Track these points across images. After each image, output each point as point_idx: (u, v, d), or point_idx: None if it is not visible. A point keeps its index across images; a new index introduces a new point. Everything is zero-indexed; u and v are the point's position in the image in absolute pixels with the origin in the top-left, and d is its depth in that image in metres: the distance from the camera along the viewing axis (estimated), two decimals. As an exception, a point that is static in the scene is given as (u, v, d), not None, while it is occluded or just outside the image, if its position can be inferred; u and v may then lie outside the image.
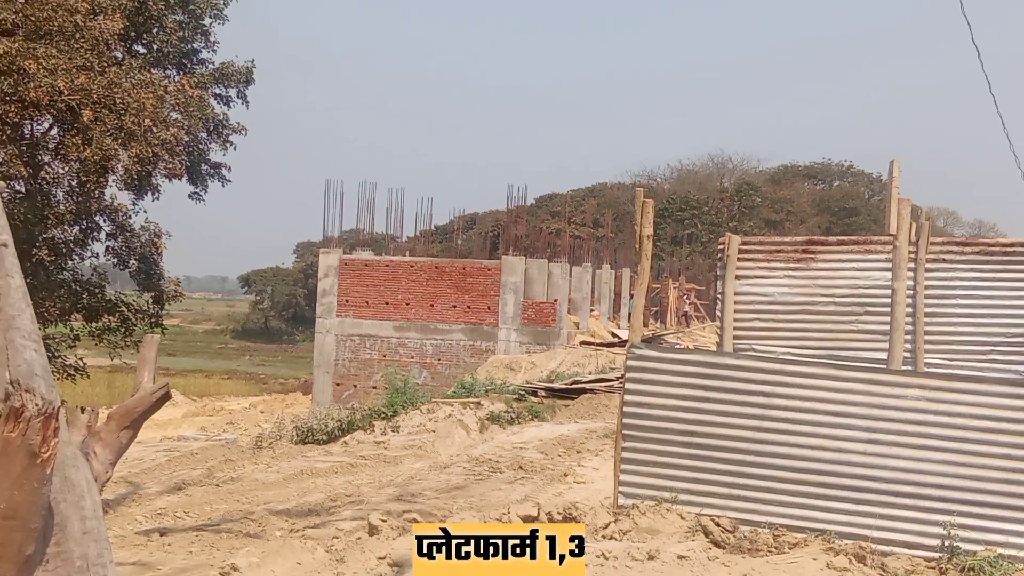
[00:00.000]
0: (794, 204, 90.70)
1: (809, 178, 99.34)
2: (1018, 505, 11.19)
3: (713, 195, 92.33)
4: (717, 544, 11.38)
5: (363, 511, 13.86)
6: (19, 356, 4.00)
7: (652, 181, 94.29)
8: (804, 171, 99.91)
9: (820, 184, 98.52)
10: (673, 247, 73.38)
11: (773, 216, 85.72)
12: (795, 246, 18.69)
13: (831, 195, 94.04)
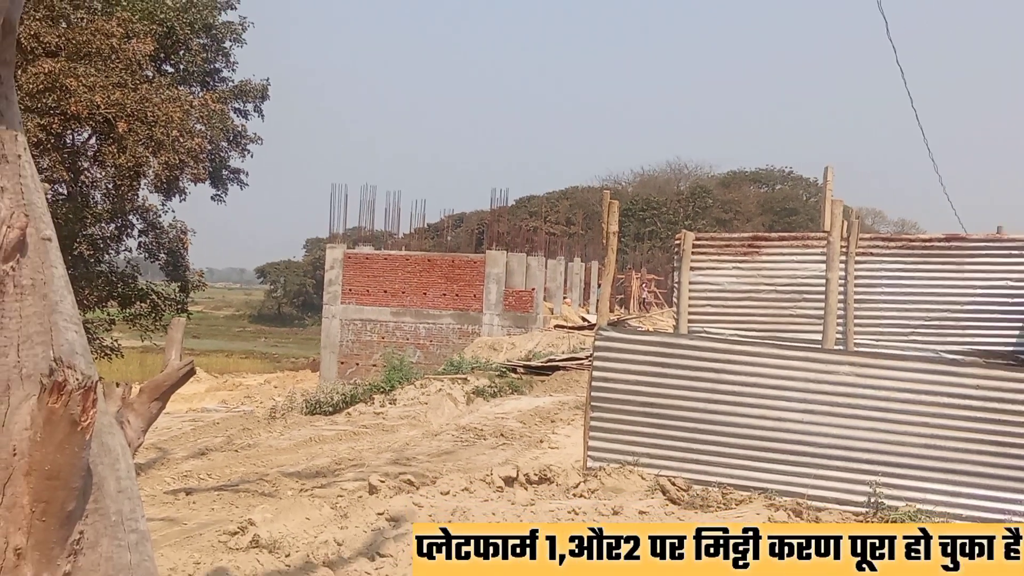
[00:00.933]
0: (741, 205, 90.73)
1: (754, 182, 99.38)
2: (935, 466, 11.23)
3: (671, 197, 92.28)
4: (673, 501, 11.41)
5: (364, 473, 13.84)
6: (61, 337, 3.99)
7: (617, 185, 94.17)
8: (750, 176, 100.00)
9: (764, 187, 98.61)
10: (636, 243, 73.29)
11: (723, 215, 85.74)
12: (742, 241, 18.76)
13: (774, 197, 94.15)
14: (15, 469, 3.73)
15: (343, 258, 46.92)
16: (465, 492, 11.37)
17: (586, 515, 10.34)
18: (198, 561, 8.23)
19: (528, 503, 10.94)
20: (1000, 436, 11.08)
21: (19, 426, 3.75)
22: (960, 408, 11.29)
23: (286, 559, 8.51)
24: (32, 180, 4.02)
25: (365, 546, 9.06)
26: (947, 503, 11.05)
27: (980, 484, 11.06)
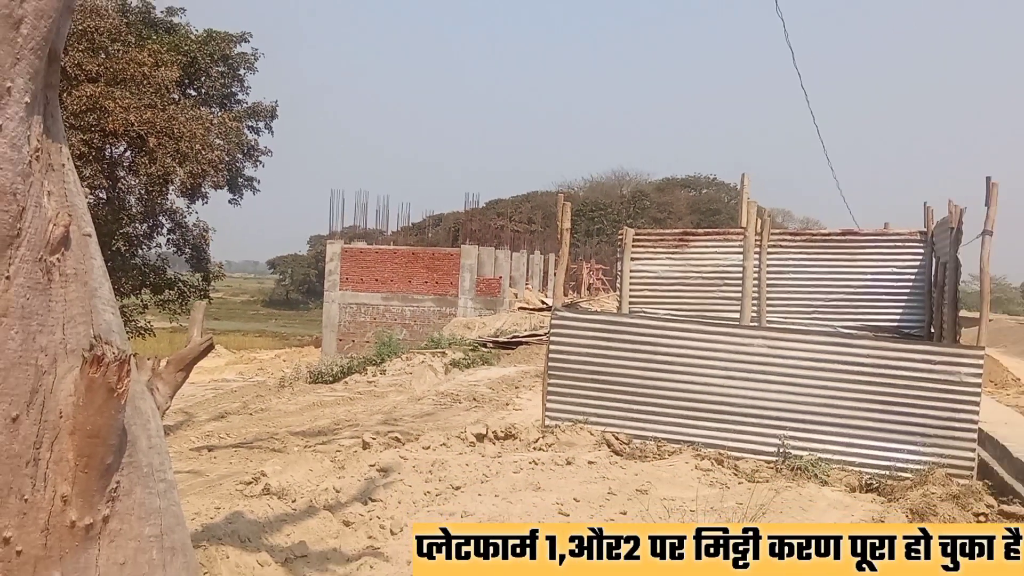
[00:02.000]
0: (673, 206, 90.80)
1: (684, 187, 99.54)
2: (833, 422, 11.34)
3: (615, 200, 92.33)
4: (616, 453, 11.48)
5: (358, 432, 13.84)
6: (100, 318, 3.98)
7: (570, 190, 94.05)
8: (681, 182, 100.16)
9: (692, 191, 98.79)
10: (586, 238, 73.27)
11: (658, 215, 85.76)
12: (673, 236, 18.91)
13: (700, 200, 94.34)
14: (61, 429, 3.73)
15: (341, 252, 47.10)
16: (443, 447, 11.39)
17: (544, 464, 10.40)
18: (218, 507, 8.23)
19: (496, 456, 10.97)
20: (886, 397, 11.20)
21: (64, 393, 3.74)
22: (853, 374, 11.40)
23: (292, 504, 8.52)
24: (75, 185, 4.02)
25: (359, 492, 9.08)
26: (843, 453, 11.17)
27: (870, 436, 11.18)
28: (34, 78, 3.83)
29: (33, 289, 3.78)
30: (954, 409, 10.92)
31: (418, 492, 9.15)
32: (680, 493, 9.39)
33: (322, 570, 6.99)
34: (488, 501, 8.70)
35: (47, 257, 3.80)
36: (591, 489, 9.28)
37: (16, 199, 3.71)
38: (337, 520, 8.07)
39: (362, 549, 7.54)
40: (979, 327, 11.91)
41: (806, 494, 9.65)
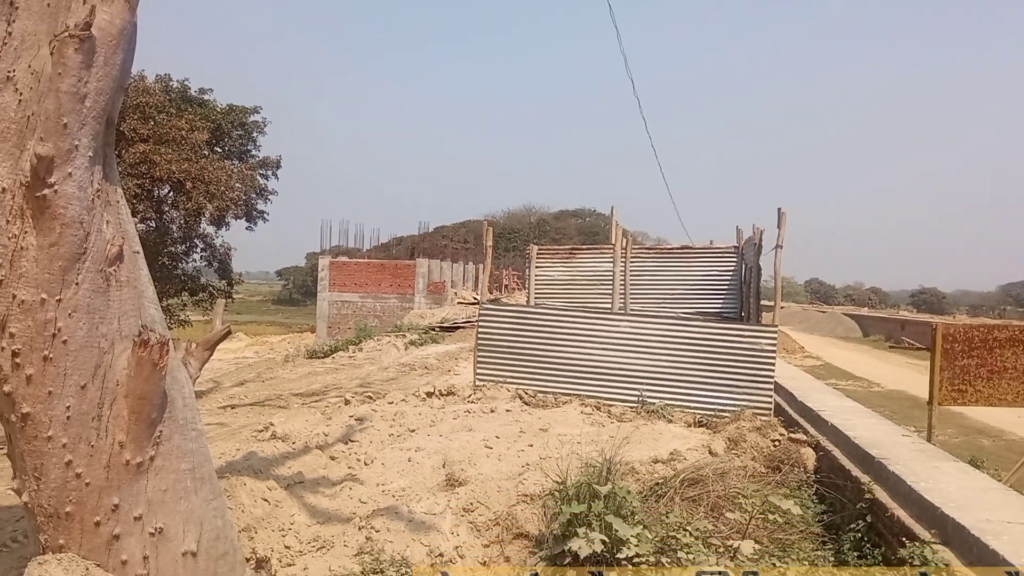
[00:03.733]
0: (567, 231, 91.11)
1: (575, 216, 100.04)
2: (675, 380, 11.45)
3: (525, 226, 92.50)
4: (526, 404, 11.49)
5: (341, 393, 13.68)
6: (146, 312, 3.92)
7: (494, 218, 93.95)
8: (572, 213, 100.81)
9: (580, 220, 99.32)
10: (505, 253, 73.31)
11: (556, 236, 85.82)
12: (565, 251, 19.01)
13: (586, 225, 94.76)
14: (118, 394, 3.67)
15: (329, 264, 47.22)
16: (403, 402, 11.32)
17: (475, 413, 10.39)
18: (238, 448, 8.08)
19: (441, 407, 10.93)
20: (711, 360, 11.37)
21: (120, 367, 3.68)
22: (689, 345, 11.56)
23: (293, 445, 8.39)
24: (127, 215, 3.95)
25: (342, 435, 8.98)
26: (683, 400, 11.29)
27: (701, 388, 11.32)
28: (95, 138, 3.77)
29: (96, 292, 3.71)
30: (757, 368, 11.16)
31: (384, 434, 9.09)
32: (570, 431, 9.46)
33: (314, 492, 6.92)
34: (435, 439, 8.67)
35: (106, 268, 3.74)
36: (508, 429, 9.31)
37: (83, 226, 3.65)
38: (325, 456, 7.98)
39: (344, 476, 7.47)
40: (774, 312, 12.22)
41: (657, 429, 9.78)
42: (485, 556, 6.01)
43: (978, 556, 4.74)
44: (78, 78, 3.49)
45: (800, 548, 5.88)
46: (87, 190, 3.64)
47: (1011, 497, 5.95)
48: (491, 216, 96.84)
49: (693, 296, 17.31)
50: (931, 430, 8.74)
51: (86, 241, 3.64)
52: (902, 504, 6.01)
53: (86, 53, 3.49)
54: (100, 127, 3.73)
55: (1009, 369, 8.74)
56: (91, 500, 3.62)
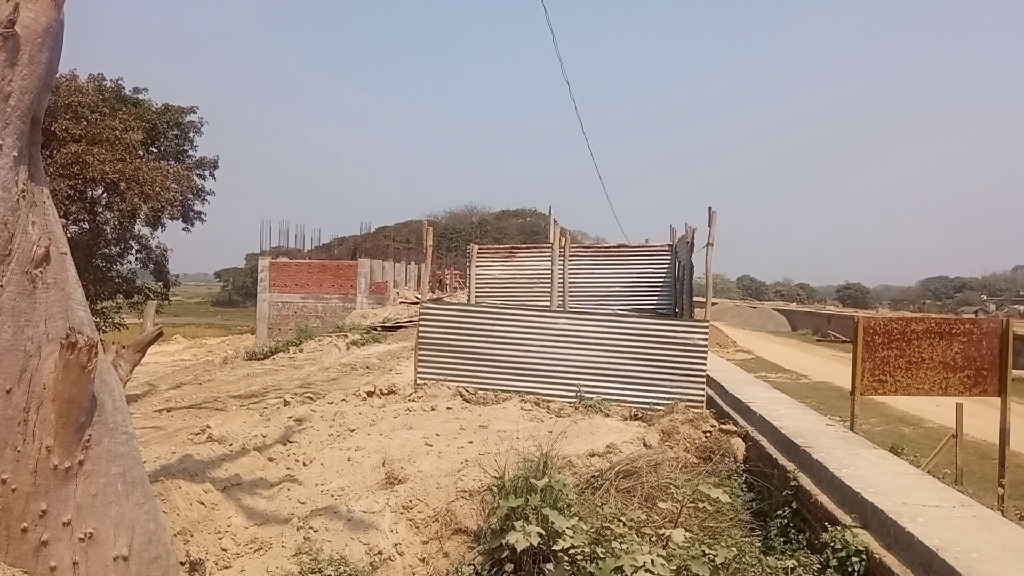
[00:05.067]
0: (508, 230, 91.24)
1: (516, 216, 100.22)
2: (612, 375, 11.61)
3: (467, 226, 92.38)
4: (467, 401, 11.51)
5: (281, 394, 13.45)
6: (74, 315, 3.82)
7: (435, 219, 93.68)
8: (513, 213, 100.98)
9: (521, 219, 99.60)
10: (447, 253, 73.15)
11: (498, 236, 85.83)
12: (505, 250, 19.10)
13: (527, 225, 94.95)
14: (45, 397, 3.59)
15: (269, 265, 46.37)
16: (343, 402, 11.22)
17: (416, 411, 10.36)
18: (174, 452, 7.89)
19: (381, 406, 10.87)
20: (646, 355, 11.56)
21: (47, 370, 3.59)
22: (626, 340, 11.73)
23: (230, 447, 8.24)
24: (54, 216, 3.86)
25: (281, 437, 8.86)
26: (619, 394, 11.45)
27: (636, 383, 11.50)
28: (20, 138, 3.67)
29: (21, 294, 3.61)
30: (690, 362, 11.39)
31: (324, 434, 9.00)
32: (510, 426, 9.49)
33: (252, 493, 6.82)
34: (375, 438, 8.62)
35: (32, 270, 3.64)
36: (448, 426, 9.30)
37: (7, 227, 3.55)
38: (263, 457, 7.87)
39: (282, 477, 7.38)
40: (706, 308, 12.47)
41: (594, 423, 9.90)
42: (424, 552, 6.02)
43: (895, 538, 4.94)
44: (1, 76, 3.40)
45: (729, 535, 6.04)
46: (11, 190, 3.54)
47: (926, 481, 6.22)
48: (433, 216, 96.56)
49: (629, 293, 17.53)
50: (854, 419, 9.05)
51: (11, 243, 3.54)
52: (825, 490, 6.23)
53: (9, 51, 3.40)
54: (25, 126, 3.64)
55: (926, 360, 9.11)
56: (18, 506, 3.52)
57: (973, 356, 9.07)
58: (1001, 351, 9.02)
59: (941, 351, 9.08)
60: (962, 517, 5.10)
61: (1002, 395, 9.04)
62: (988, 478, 10.12)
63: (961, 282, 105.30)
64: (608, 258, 18.09)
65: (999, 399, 9.09)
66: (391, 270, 50.51)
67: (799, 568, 5.20)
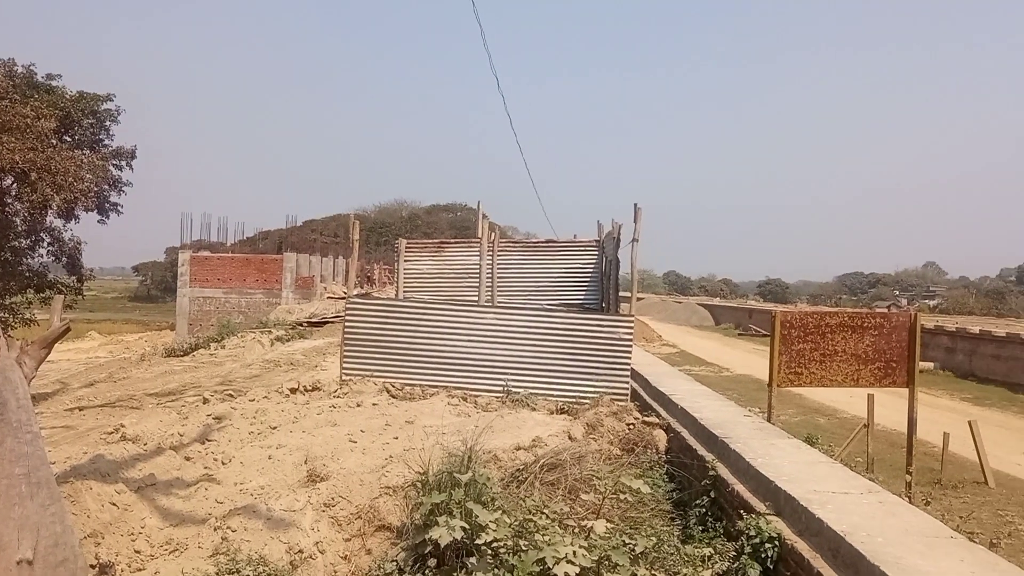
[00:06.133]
0: (438, 225, 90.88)
1: (446, 211, 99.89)
2: (539, 369, 11.71)
3: (397, 220, 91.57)
4: (393, 397, 11.42)
5: (200, 392, 13.08)
6: (-31, 308, 3.64)
7: (365, 213, 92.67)
8: (444, 207, 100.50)
9: (451, 214, 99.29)
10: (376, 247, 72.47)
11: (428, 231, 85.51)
12: (434, 244, 18.97)
13: (457, 220, 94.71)
14: (-63, 395, 3.39)
15: (190, 259, 45.42)
16: (265, 399, 10.98)
17: (340, 408, 10.23)
18: (85, 452, 7.60)
19: (305, 403, 10.69)
20: (573, 349, 11.69)
21: (-62, 368, 3.39)
22: (553, 335, 11.84)
23: (144, 447, 7.96)
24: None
25: (199, 435, 8.62)
26: (546, 388, 11.56)
27: (563, 377, 11.62)
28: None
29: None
30: (615, 356, 11.57)
31: (244, 432, 8.79)
32: (437, 422, 9.45)
33: (167, 494, 6.62)
34: (297, 436, 8.48)
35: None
36: (373, 423, 9.21)
37: None
38: (180, 456, 7.65)
39: (199, 476, 7.19)
40: (631, 303, 12.67)
41: (521, 417, 9.93)
42: (347, 550, 5.94)
43: (806, 524, 5.11)
44: None
45: (650, 525, 6.15)
46: None
47: (836, 469, 6.45)
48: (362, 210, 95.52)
49: (557, 288, 17.67)
50: (771, 410, 9.33)
51: None
52: (741, 479, 6.40)
53: None
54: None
55: (839, 352, 9.44)
56: (-93, 512, 3.34)
57: (883, 349, 9.44)
58: (909, 344, 9.42)
59: (853, 344, 9.43)
60: (869, 503, 5.31)
61: (910, 386, 9.44)
62: (898, 465, 10.57)
63: (875, 278, 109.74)
64: (536, 253, 18.19)
65: (907, 390, 9.50)
66: (318, 264, 49.83)
67: (715, 555, 5.33)
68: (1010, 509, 9.96)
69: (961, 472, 11.77)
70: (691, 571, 5.12)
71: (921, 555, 4.24)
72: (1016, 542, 8.47)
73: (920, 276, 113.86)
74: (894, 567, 4.01)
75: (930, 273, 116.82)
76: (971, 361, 26.71)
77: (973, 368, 26.32)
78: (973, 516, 9.32)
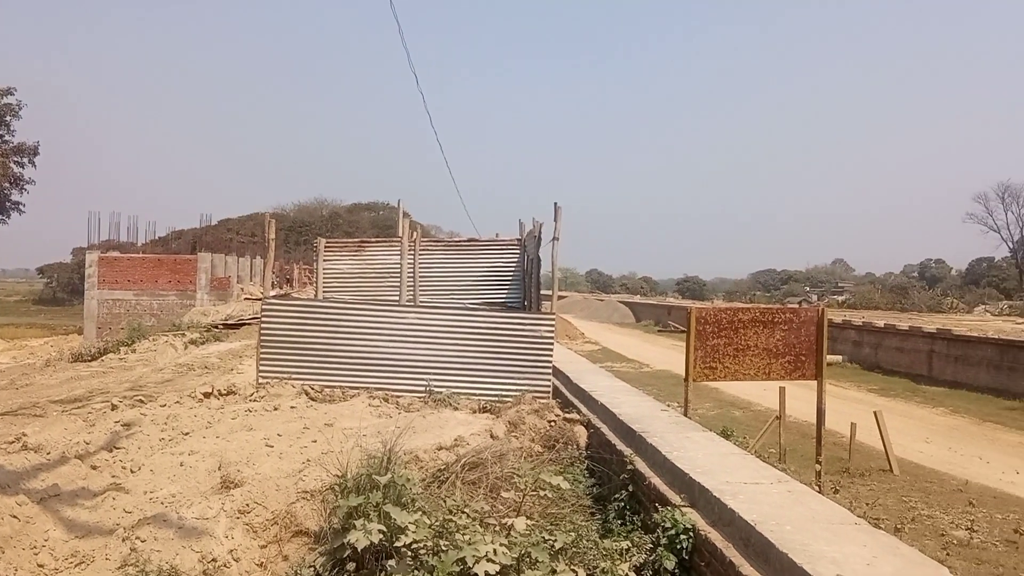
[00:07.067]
0: (360, 224, 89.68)
1: (368, 210, 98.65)
2: (462, 368, 11.70)
3: (317, 219, 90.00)
4: (312, 399, 11.22)
5: (108, 397, 12.52)
6: None
7: (283, 211, 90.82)
8: (365, 206, 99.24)
9: (374, 213, 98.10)
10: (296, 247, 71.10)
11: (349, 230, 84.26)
12: (355, 243, 18.76)
13: (380, 219, 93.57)
14: None
15: (98, 259, 43.57)
16: (177, 404, 10.61)
17: (257, 411, 9.98)
18: (-19, 463, 7.19)
19: (219, 407, 10.38)
20: (495, 348, 11.72)
21: None
22: (475, 334, 11.84)
23: (47, 455, 7.59)
24: None
25: (106, 443, 8.27)
26: (468, 387, 11.56)
27: (485, 375, 11.64)
28: None
29: None
30: (537, 354, 11.65)
31: (155, 439, 8.48)
32: (357, 424, 9.33)
33: (72, 504, 6.33)
34: (211, 441, 8.23)
35: None
36: (291, 426, 9.03)
37: None
38: (86, 465, 7.32)
39: (107, 486, 6.90)
40: (552, 301, 12.79)
41: (443, 417, 9.89)
42: (262, 557, 5.81)
43: (719, 515, 5.25)
44: None
45: (570, 520, 6.22)
46: None
47: (749, 460, 6.65)
48: (281, 209, 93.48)
49: (480, 287, 17.68)
50: (687, 404, 9.56)
51: None
52: (658, 472, 6.53)
53: None
54: None
55: (751, 347, 9.74)
56: None
57: (793, 343, 9.79)
58: (817, 338, 9.79)
59: (765, 339, 9.74)
60: (779, 493, 5.49)
61: (818, 378, 9.82)
62: (809, 455, 10.98)
63: (787, 274, 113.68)
64: (459, 252, 18.16)
65: (816, 382, 9.87)
66: (235, 265, 48.54)
67: (633, 548, 5.43)
68: (913, 495, 10.47)
69: (868, 460, 12.30)
70: (609, 565, 5.19)
71: (827, 541, 4.41)
72: (919, 527, 8.91)
73: (829, 273, 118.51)
74: (801, 553, 4.16)
75: (839, 270, 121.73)
76: (877, 354, 27.96)
77: (879, 360, 27.56)
78: (879, 503, 9.78)
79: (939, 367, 24.33)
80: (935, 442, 14.43)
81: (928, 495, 10.51)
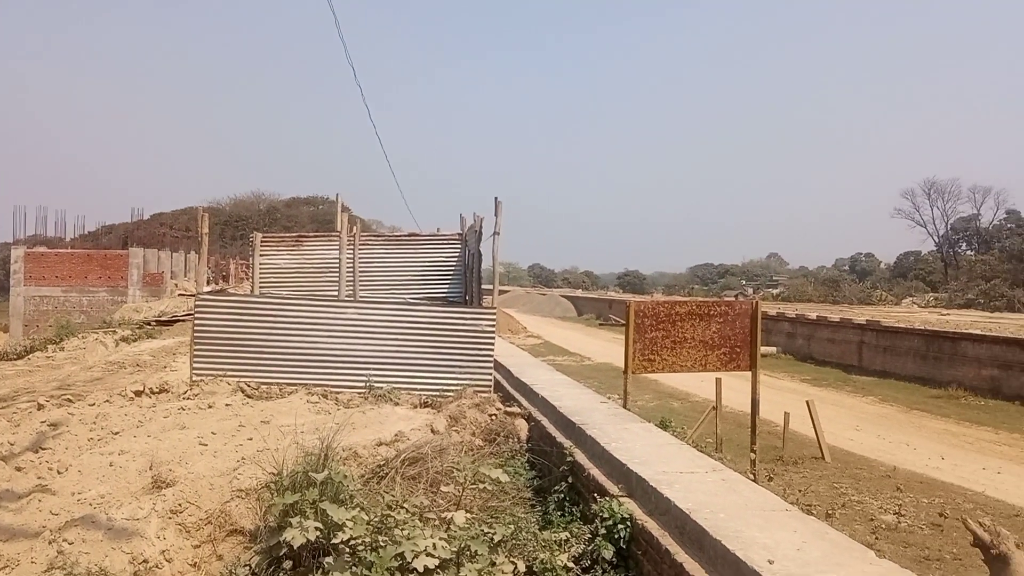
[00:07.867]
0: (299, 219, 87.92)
1: (307, 204, 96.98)
2: (402, 363, 11.62)
3: (254, 213, 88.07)
4: (248, 396, 11.00)
5: (34, 397, 12.05)
6: None
7: (219, 205, 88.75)
8: (305, 200, 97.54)
9: (313, 207, 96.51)
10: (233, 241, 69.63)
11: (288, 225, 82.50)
12: (292, 238, 18.46)
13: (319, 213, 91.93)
14: None
15: (24, 255, 41.97)
16: (107, 403, 10.28)
17: (191, 410, 9.75)
18: None
19: (151, 406, 10.09)
20: (436, 343, 11.67)
21: None
22: (416, 329, 11.77)
23: (-34, 459, 7.31)
24: None
25: (32, 443, 7.98)
26: (409, 383, 11.48)
27: (426, 370, 11.58)
28: None
29: None
30: (478, 348, 11.65)
31: (83, 439, 8.21)
32: (294, 421, 9.17)
33: (-6, 508, 6.10)
34: (141, 440, 8.00)
35: None
36: (226, 424, 8.85)
37: None
38: (10, 467, 7.06)
39: (32, 487, 6.66)
40: (492, 296, 12.80)
41: (384, 412, 9.82)
42: (196, 557, 5.69)
43: (655, 504, 5.34)
44: None
45: (510, 513, 6.25)
46: None
47: (684, 450, 6.78)
48: (216, 203, 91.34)
49: (421, 281, 17.58)
50: (627, 396, 9.69)
51: None
52: (597, 464, 6.61)
53: None
54: None
55: (688, 340, 9.92)
56: None
57: (728, 335, 10.01)
58: (751, 330, 10.03)
59: (701, 331, 9.94)
60: (713, 481, 5.61)
61: (752, 369, 10.06)
62: (745, 444, 11.23)
63: (724, 268, 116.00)
64: (399, 247, 18.03)
65: (751, 373, 10.11)
66: (168, 260, 47.39)
67: (572, 539, 5.48)
68: (844, 481, 10.82)
69: (801, 449, 12.67)
70: (548, 556, 5.23)
71: (759, 528, 4.52)
72: (849, 512, 9.21)
73: (764, 266, 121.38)
74: (734, 540, 4.26)
75: (773, 264, 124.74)
76: (809, 345, 28.78)
77: (811, 351, 28.37)
78: (811, 489, 10.08)
79: (869, 357, 25.18)
80: (865, 430, 14.93)
81: (858, 481, 10.87)
